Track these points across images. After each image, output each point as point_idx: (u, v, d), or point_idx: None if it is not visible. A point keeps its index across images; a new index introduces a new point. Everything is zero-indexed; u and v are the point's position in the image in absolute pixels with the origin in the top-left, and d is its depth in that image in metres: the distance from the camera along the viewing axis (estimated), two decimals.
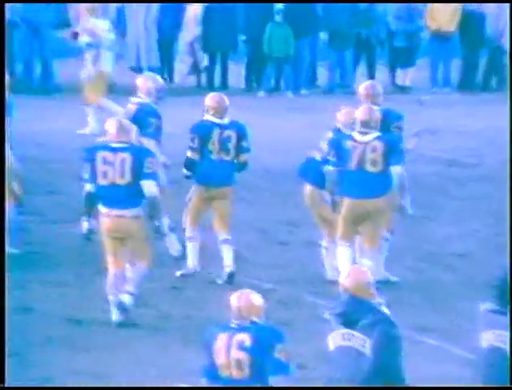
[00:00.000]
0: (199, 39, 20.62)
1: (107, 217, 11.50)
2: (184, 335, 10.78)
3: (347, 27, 20.64)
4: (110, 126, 11.73)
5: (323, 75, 21.71)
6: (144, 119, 12.65)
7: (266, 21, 20.20)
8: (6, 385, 9.34)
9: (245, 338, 8.19)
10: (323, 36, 20.90)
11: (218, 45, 20.72)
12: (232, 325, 8.11)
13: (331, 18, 20.69)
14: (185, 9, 20.75)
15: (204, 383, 8.65)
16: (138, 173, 11.34)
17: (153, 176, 11.50)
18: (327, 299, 11.69)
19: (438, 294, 11.20)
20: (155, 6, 20.85)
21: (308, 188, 12.71)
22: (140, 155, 11.50)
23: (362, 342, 8.31)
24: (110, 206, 11.50)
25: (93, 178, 11.46)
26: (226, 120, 12.56)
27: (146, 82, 13.13)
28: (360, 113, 12.33)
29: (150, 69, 19.77)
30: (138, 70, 20.32)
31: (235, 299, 8.22)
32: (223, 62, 20.83)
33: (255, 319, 8.19)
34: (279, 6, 20.38)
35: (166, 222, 12.28)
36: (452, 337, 10.63)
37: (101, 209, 11.55)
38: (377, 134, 12.26)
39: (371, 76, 20.01)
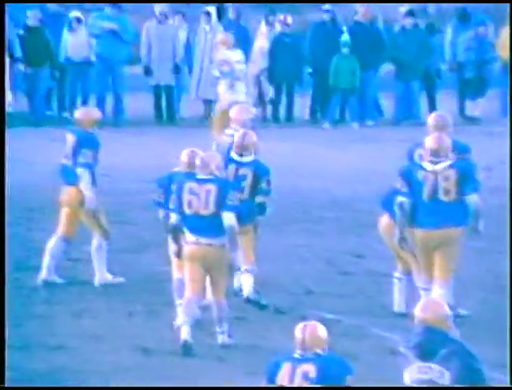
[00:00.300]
0: (265, 71, 20.68)
1: (196, 244, 11.69)
2: (248, 365, 10.61)
3: (414, 58, 20.43)
4: (191, 158, 11.90)
5: (388, 106, 21.55)
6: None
7: (332, 53, 20.21)
8: (6, 385, 9.32)
9: (310, 369, 8.10)
10: (389, 67, 20.89)
11: (284, 77, 20.73)
12: (296, 356, 8.05)
13: (397, 49, 20.57)
14: (252, 42, 20.94)
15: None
16: (221, 204, 11.62)
17: (234, 209, 11.77)
18: (393, 332, 11.82)
19: (509, 328, 11.03)
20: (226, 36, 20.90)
21: (385, 219, 12.49)
22: (225, 187, 11.76)
23: (439, 374, 8.11)
24: (197, 234, 11.73)
25: (179, 207, 11.68)
26: (247, 158, 12.50)
27: (241, 113, 13.24)
28: (430, 141, 12.07)
29: (209, 101, 20.45)
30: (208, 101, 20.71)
31: (299, 330, 8.14)
32: (289, 94, 20.83)
33: (319, 351, 8.11)
34: (346, 37, 20.35)
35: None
36: None
37: (189, 237, 11.72)
38: (449, 162, 11.98)
39: (434, 108, 19.73)
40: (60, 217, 13.41)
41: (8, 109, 21.05)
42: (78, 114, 13.84)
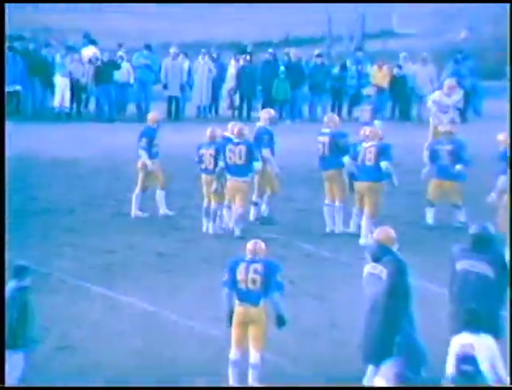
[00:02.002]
0: (234, 89, 24.32)
1: (230, 181, 14.26)
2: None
3: (322, 82, 24.10)
4: (234, 128, 14.62)
5: (305, 110, 24.83)
6: (261, 136, 15.30)
7: (274, 78, 23.96)
8: (6, 385, 8.85)
9: (258, 266, 9.69)
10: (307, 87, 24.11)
11: (245, 93, 24.28)
12: (247, 259, 9.70)
13: (312, 77, 24.20)
14: (227, 69, 24.37)
15: (225, 291, 9.57)
16: (250, 157, 14.36)
17: (257, 160, 14.45)
18: (320, 246, 13.73)
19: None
20: (212, 67, 24.09)
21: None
22: (251, 145, 14.52)
23: (381, 269, 9.42)
24: (233, 176, 14.52)
25: (224, 160, 14.44)
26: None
27: (265, 114, 15.60)
28: (365, 130, 14.30)
29: (206, 106, 23.87)
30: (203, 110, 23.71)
31: (251, 244, 9.81)
32: (248, 103, 24.36)
33: (262, 256, 9.77)
34: (282, 69, 23.93)
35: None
36: None
37: (229, 177, 14.27)
38: (373, 143, 14.14)
39: (339, 113, 22.41)
40: (139, 178, 15.61)
41: (86, 110, 23.53)
42: (148, 115, 16.31)
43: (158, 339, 10.83)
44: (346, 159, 14.26)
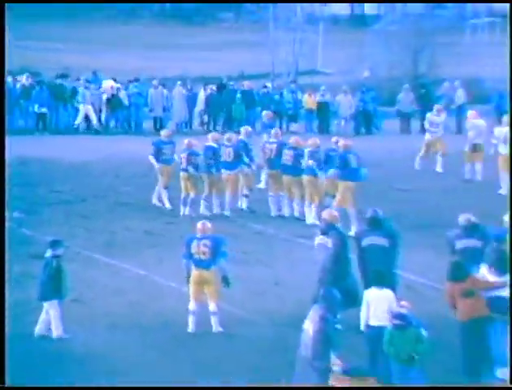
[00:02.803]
0: (204, 110, 23.74)
1: (226, 174, 14.20)
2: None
3: (268, 105, 23.10)
4: (216, 136, 14.67)
5: (258, 126, 21.86)
6: (239, 145, 14.79)
7: (232, 102, 23.38)
8: (7, 385, 7.66)
9: (207, 242, 9.93)
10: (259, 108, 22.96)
11: (212, 113, 23.79)
12: (198, 236, 10.01)
13: (261, 101, 23.68)
14: (197, 95, 23.54)
15: (184, 262, 9.66)
16: (237, 156, 14.13)
17: (242, 157, 14.20)
18: (268, 225, 13.52)
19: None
20: (188, 94, 23.44)
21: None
22: (237, 148, 14.32)
23: (327, 240, 9.74)
24: (226, 169, 14.36)
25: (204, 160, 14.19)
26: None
27: (244, 130, 15.23)
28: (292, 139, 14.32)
29: (183, 123, 22.93)
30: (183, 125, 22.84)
31: (200, 224, 10.04)
32: (214, 121, 23.83)
33: (209, 233, 10.02)
34: (239, 95, 23.17)
35: None
36: None
37: (223, 171, 14.13)
38: (309, 149, 14.02)
39: (280, 128, 20.84)
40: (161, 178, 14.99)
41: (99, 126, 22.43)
42: (161, 131, 15.94)
43: (147, 295, 10.93)
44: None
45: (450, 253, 9.48)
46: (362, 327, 8.61)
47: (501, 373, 8.33)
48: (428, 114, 18.01)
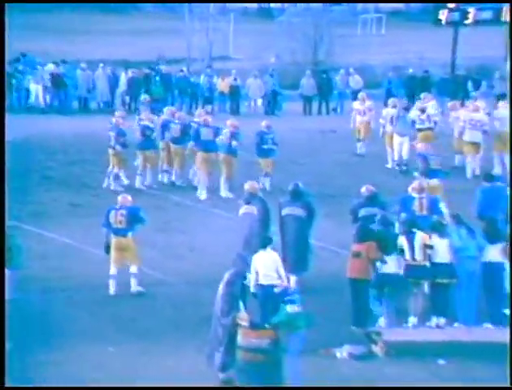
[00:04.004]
0: (125, 91, 22.98)
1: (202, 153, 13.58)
2: None
3: (185, 88, 22.30)
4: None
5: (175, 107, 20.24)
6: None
7: (152, 85, 22.22)
8: (6, 385, 7.29)
9: (123, 211, 10.10)
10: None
11: (132, 95, 22.69)
12: (117, 207, 10.20)
13: (178, 84, 22.50)
14: (119, 78, 22.90)
15: (104, 230, 9.71)
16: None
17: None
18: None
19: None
20: (110, 76, 22.74)
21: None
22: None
23: (252, 209, 10.02)
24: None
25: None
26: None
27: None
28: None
29: (105, 103, 22.31)
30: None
31: (120, 197, 10.20)
32: (135, 101, 22.42)
33: (127, 205, 10.17)
34: (158, 79, 22.33)
35: None
36: None
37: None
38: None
39: (196, 109, 19.97)
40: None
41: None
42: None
43: (72, 261, 10.87)
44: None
45: (353, 219, 9.67)
46: (252, 288, 8.69)
47: (382, 322, 8.72)
48: (355, 103, 17.91)
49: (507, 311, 8.65)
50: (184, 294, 9.70)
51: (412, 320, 8.79)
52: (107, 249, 10.03)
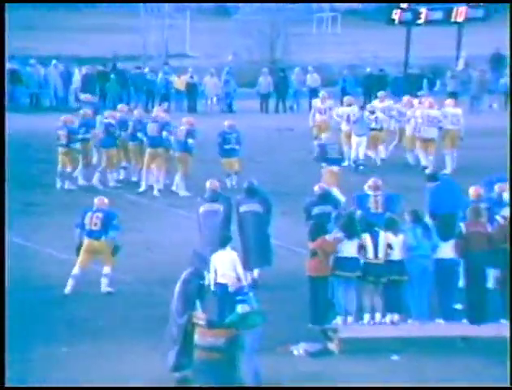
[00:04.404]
0: (79, 88, 22.70)
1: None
2: None
3: (141, 85, 22.65)
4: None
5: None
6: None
7: (107, 81, 22.41)
8: (6, 385, 7.31)
9: (100, 215, 10.18)
10: None
11: (87, 91, 22.34)
12: (94, 209, 10.27)
13: (134, 81, 22.71)
14: (73, 74, 22.79)
15: (77, 231, 9.74)
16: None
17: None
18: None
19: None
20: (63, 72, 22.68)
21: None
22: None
23: (218, 207, 10.20)
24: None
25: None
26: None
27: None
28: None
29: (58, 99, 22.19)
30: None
31: (96, 200, 10.24)
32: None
33: (103, 208, 10.21)
34: (113, 76, 22.44)
35: None
36: None
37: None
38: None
39: (152, 106, 20.56)
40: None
41: None
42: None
43: (24, 261, 10.77)
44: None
45: (307, 218, 9.80)
46: (212, 287, 8.81)
47: (340, 320, 8.86)
48: (316, 101, 17.90)
49: (458, 306, 8.94)
50: (140, 293, 9.76)
51: (367, 317, 8.90)
52: (78, 250, 10.03)
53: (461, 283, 8.98)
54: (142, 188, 13.95)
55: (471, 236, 8.90)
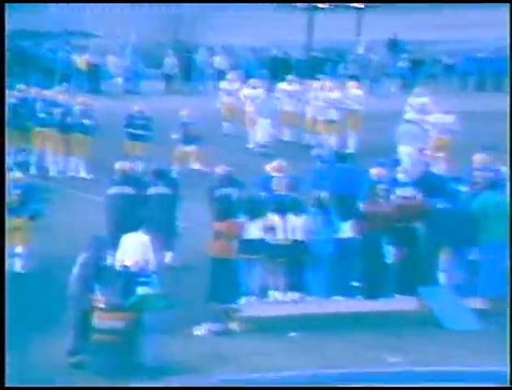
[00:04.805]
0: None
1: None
2: None
3: (40, 64, 23.15)
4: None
5: None
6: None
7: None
8: (6, 385, 7.04)
9: (18, 191, 10.05)
10: None
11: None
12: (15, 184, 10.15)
13: (34, 59, 23.20)
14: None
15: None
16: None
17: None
18: None
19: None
20: None
21: None
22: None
23: (128, 190, 10.04)
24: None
25: None
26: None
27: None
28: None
29: None
30: None
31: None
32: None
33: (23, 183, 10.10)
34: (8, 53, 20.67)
35: None
36: None
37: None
38: None
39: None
40: None
41: None
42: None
43: None
44: None
45: (210, 200, 9.83)
46: (118, 267, 8.59)
47: (244, 300, 8.99)
48: (223, 83, 18.04)
49: (355, 284, 9.20)
50: (38, 277, 9.62)
51: (272, 295, 9.07)
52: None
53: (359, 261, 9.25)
54: (51, 173, 13.98)
55: (369, 216, 9.12)
